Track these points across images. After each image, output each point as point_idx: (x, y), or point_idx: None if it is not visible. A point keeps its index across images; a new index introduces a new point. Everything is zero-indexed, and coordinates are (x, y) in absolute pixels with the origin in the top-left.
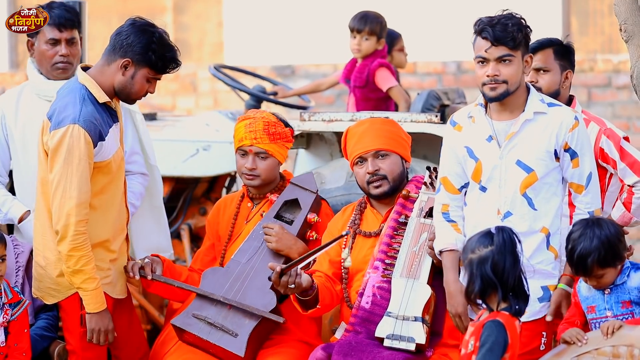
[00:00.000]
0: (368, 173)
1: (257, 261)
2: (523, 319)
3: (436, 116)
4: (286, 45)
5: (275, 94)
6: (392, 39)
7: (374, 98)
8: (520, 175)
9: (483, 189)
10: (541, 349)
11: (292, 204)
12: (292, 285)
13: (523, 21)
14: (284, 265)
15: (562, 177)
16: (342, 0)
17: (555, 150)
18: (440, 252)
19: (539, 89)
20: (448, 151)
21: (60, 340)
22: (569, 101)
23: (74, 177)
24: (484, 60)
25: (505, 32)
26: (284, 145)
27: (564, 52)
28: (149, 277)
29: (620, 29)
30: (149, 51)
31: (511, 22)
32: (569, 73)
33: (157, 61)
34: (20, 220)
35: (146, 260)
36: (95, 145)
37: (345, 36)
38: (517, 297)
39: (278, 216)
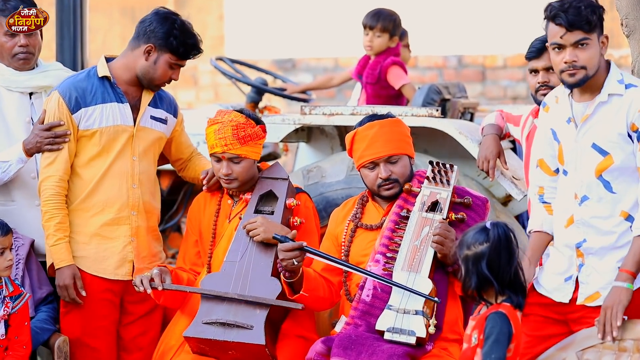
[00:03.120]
0: (380, 178)
1: (251, 255)
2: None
3: (437, 110)
4: (287, 39)
5: (283, 90)
6: (399, 35)
7: (384, 95)
8: (596, 158)
9: (565, 172)
10: None
11: (268, 197)
12: (296, 263)
13: (595, 1)
14: (307, 247)
15: None
16: None
17: (628, 132)
18: (529, 231)
19: (551, 88)
20: (541, 133)
21: (60, 332)
22: None
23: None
24: (559, 47)
25: (579, 16)
26: (257, 144)
27: None
28: (160, 288)
29: (622, 24)
30: (171, 37)
31: (583, 5)
32: None
33: (178, 47)
34: (28, 153)
35: (155, 271)
36: (73, 111)
37: (347, 30)
38: (516, 290)
39: (257, 211)
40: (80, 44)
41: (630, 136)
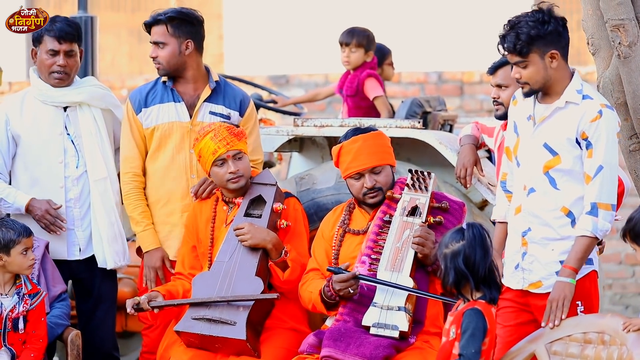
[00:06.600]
0: (366, 187)
1: (238, 256)
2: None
3: (419, 122)
4: (281, 57)
5: (274, 102)
6: (383, 54)
7: (364, 106)
8: (545, 156)
9: (518, 163)
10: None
11: (257, 201)
12: (352, 292)
13: (531, 23)
14: (362, 275)
15: None
16: (333, 15)
17: (577, 138)
18: (493, 220)
19: (500, 104)
20: (509, 123)
21: (72, 327)
22: None
23: (121, 136)
24: (514, 64)
25: (512, 43)
26: (246, 142)
27: None
28: (145, 308)
29: (588, 43)
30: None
31: (516, 31)
32: None
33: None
34: (27, 209)
35: (143, 298)
36: (137, 112)
37: (335, 49)
38: (490, 286)
39: (247, 214)
40: (92, 61)
41: (578, 142)
